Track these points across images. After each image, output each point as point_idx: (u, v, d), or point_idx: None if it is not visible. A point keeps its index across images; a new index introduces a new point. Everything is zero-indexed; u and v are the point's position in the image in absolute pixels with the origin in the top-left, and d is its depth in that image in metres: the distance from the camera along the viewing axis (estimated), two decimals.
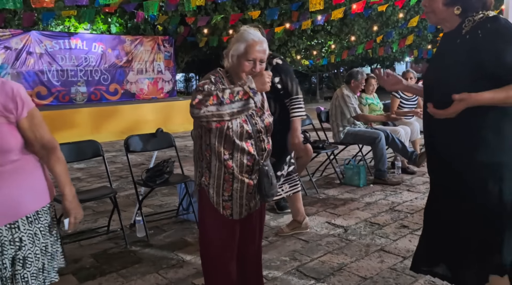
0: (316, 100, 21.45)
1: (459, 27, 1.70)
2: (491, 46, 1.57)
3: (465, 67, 1.64)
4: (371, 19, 13.87)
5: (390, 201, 4.20)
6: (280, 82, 3.03)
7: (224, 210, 1.96)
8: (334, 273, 2.74)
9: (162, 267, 2.92)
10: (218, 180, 1.92)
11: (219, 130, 1.86)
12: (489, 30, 1.59)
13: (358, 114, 4.89)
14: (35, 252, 1.69)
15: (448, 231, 1.82)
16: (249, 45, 1.88)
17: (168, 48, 13.30)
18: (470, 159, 1.69)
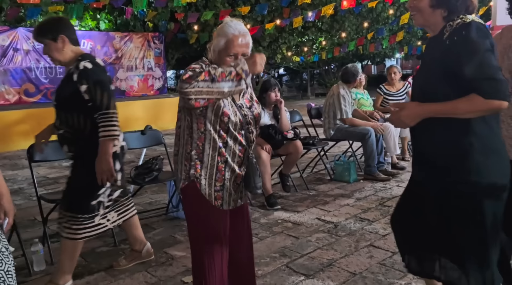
0: (307, 96, 21.48)
1: (441, 32, 1.66)
2: (457, 56, 1.54)
3: (440, 74, 1.61)
4: (361, 15, 13.90)
5: (379, 197, 4.22)
6: (88, 92, 2.41)
7: (215, 201, 1.93)
8: (323, 269, 2.74)
9: (151, 265, 2.90)
10: (210, 170, 1.89)
11: (214, 116, 1.82)
12: (460, 38, 1.55)
13: (346, 118, 4.90)
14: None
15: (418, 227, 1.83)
16: (229, 40, 1.83)
17: (158, 45, 13.18)
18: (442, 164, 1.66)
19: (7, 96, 9.93)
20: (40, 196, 3.12)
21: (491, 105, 1.49)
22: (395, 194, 4.28)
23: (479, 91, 1.49)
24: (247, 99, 1.99)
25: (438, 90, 1.62)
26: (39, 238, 3.08)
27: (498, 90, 1.48)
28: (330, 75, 22.51)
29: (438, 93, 1.62)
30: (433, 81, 1.65)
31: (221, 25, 1.88)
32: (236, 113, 1.88)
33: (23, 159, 6.87)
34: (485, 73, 1.49)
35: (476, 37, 1.53)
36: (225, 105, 1.84)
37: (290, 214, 3.81)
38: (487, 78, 1.49)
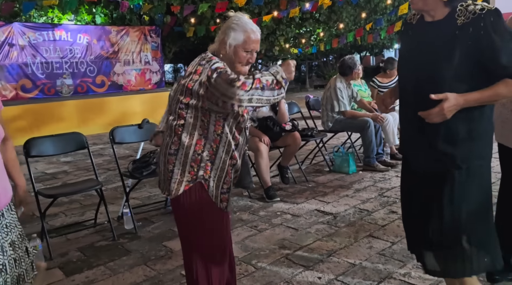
0: (306, 88, 21.41)
1: (450, 17, 1.59)
2: (492, 42, 1.53)
3: (462, 61, 1.56)
4: (359, 6, 13.81)
5: (379, 187, 4.21)
6: None
7: (221, 203, 1.87)
8: (323, 260, 2.73)
9: (151, 258, 2.90)
10: (220, 172, 1.84)
11: (233, 119, 1.81)
12: (492, 25, 1.53)
13: (346, 111, 4.87)
14: (18, 236, 1.63)
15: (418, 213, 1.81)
16: (248, 36, 1.83)
17: (155, 38, 13.10)
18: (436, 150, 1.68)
19: (4, 92, 9.87)
20: (37, 191, 3.10)
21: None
22: (394, 184, 4.27)
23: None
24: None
25: (454, 76, 1.58)
26: (38, 233, 3.06)
27: None
28: (329, 67, 22.42)
29: (452, 79, 1.58)
30: (449, 67, 1.58)
31: (237, 20, 1.85)
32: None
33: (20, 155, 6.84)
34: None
35: (506, 25, 1.55)
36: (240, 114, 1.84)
37: (289, 206, 3.80)
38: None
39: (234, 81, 1.67)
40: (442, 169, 1.68)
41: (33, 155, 3.20)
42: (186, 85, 1.78)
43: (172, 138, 1.83)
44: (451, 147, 1.66)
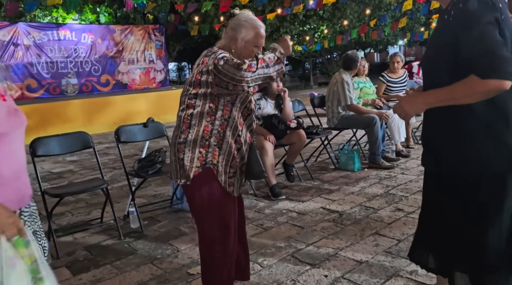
0: (310, 86, 21.38)
1: (448, 5, 1.53)
2: (454, 32, 1.42)
3: (441, 54, 1.50)
4: (363, 2, 13.75)
5: (384, 185, 4.19)
6: None
7: (229, 187, 1.97)
8: (329, 258, 2.73)
9: (157, 257, 2.90)
10: (227, 156, 1.93)
11: (240, 104, 1.94)
12: (457, 12, 1.43)
13: (352, 104, 4.85)
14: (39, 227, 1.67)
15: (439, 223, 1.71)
16: (258, 32, 1.96)
17: (159, 37, 13.13)
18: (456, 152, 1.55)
19: (10, 92, 9.92)
20: (44, 191, 3.12)
21: (488, 85, 1.31)
22: (400, 182, 4.25)
23: (475, 71, 1.32)
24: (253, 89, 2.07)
25: (439, 72, 1.52)
26: (44, 232, 3.07)
27: (497, 68, 1.29)
28: (333, 64, 22.34)
29: (439, 76, 1.51)
30: (435, 61, 1.56)
31: (245, 17, 1.97)
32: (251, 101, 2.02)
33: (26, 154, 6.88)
34: (482, 49, 1.32)
35: (474, 9, 1.37)
36: (250, 93, 1.98)
37: (294, 204, 3.79)
38: (483, 54, 1.31)
39: (241, 65, 1.79)
40: (434, 169, 1.65)
41: (39, 154, 3.21)
42: (195, 76, 1.91)
43: (181, 128, 1.95)
44: (438, 147, 1.60)
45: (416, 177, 4.35)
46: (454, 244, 1.64)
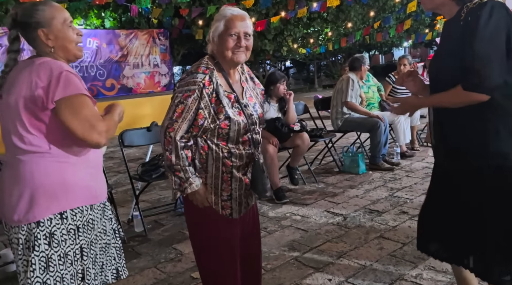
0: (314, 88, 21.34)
1: (458, 14, 1.60)
2: (464, 39, 1.51)
3: (456, 58, 1.56)
4: (367, 4, 13.73)
5: (389, 187, 4.17)
6: None
7: (223, 210, 1.81)
8: (333, 262, 2.71)
9: (161, 261, 2.90)
10: (215, 180, 1.77)
11: (217, 128, 1.72)
12: (472, 19, 1.49)
13: (349, 102, 4.85)
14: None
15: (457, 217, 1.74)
16: (228, 20, 1.71)
17: (164, 41, 13.18)
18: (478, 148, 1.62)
19: None
20: None
21: (470, 97, 1.52)
22: (404, 184, 4.23)
23: (462, 82, 1.52)
24: (251, 97, 1.85)
25: (451, 75, 1.58)
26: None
27: (480, 84, 1.48)
28: (337, 66, 22.32)
29: (450, 78, 1.58)
30: (447, 65, 1.61)
31: (216, 14, 1.78)
32: (240, 113, 1.75)
33: None
34: (475, 65, 1.47)
35: (485, 21, 1.46)
36: (229, 114, 1.71)
37: (298, 207, 3.78)
38: (474, 70, 1.48)
39: (167, 128, 1.69)
40: (454, 165, 1.69)
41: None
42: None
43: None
44: (460, 142, 1.65)
45: (421, 180, 4.33)
46: (474, 235, 1.67)
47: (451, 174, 1.74)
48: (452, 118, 1.66)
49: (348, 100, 4.84)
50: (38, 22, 1.51)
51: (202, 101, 1.68)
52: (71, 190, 1.54)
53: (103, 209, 1.72)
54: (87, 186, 1.60)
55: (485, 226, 1.64)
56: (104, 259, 1.73)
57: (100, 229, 1.70)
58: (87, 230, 1.61)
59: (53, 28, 1.52)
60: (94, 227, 1.65)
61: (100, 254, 1.70)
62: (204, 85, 1.69)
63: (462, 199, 1.70)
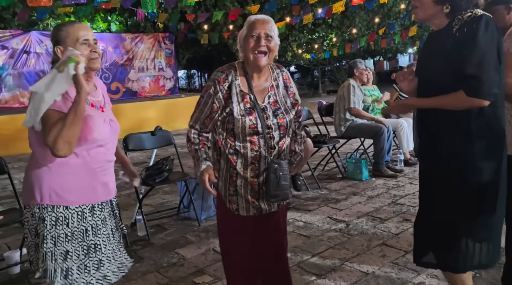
0: (319, 94, 21.34)
1: (449, 26, 1.68)
2: (461, 48, 1.60)
3: (449, 67, 1.64)
4: (372, 11, 13.75)
5: (392, 194, 4.17)
6: None
7: (230, 204, 1.92)
8: (335, 269, 2.71)
9: (163, 265, 2.91)
10: (226, 174, 1.89)
11: (225, 123, 1.86)
12: (468, 31, 1.59)
13: (353, 108, 4.86)
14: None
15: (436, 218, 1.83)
16: (251, 23, 1.85)
17: (169, 45, 13.24)
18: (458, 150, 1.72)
19: (22, 99, 10.09)
20: None
21: (472, 102, 1.61)
22: (407, 191, 4.22)
23: (464, 88, 1.60)
24: (275, 103, 1.91)
25: (445, 82, 1.66)
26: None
27: (479, 89, 1.58)
28: (342, 72, 22.31)
29: (444, 84, 1.66)
30: (440, 74, 1.68)
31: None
32: (252, 113, 1.83)
33: None
34: (475, 72, 1.56)
35: (482, 33, 1.56)
36: (233, 110, 1.83)
37: (301, 213, 3.78)
38: (475, 76, 1.57)
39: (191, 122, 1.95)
40: (439, 168, 1.77)
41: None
42: None
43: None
44: (446, 146, 1.73)
45: None
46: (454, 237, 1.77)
47: (429, 175, 1.84)
48: (438, 124, 1.74)
49: (351, 107, 4.85)
50: (57, 40, 1.74)
51: (216, 96, 1.85)
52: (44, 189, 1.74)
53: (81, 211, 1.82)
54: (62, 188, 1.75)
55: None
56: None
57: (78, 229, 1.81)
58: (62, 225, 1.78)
59: (67, 46, 1.70)
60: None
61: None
62: (219, 82, 1.86)
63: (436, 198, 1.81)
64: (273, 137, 1.86)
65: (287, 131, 1.92)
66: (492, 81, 1.58)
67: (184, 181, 3.70)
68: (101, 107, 1.84)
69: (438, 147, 1.76)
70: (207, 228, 3.54)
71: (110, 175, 1.89)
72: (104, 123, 1.80)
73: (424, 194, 1.88)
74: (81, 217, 1.79)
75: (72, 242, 1.76)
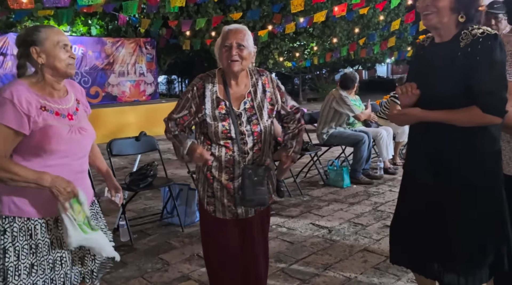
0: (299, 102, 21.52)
1: (455, 39, 1.66)
2: (475, 64, 1.59)
3: (458, 81, 1.63)
4: (352, 21, 14.04)
5: (373, 201, 4.26)
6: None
7: (207, 206, 2.00)
8: (319, 274, 2.76)
9: (147, 271, 2.90)
10: (202, 175, 1.98)
11: (200, 127, 1.96)
12: (484, 49, 1.59)
13: (359, 114, 4.98)
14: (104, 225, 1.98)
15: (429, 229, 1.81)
16: (224, 34, 1.91)
17: (150, 50, 13.18)
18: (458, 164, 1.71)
19: None
20: None
21: (486, 119, 1.60)
22: (388, 198, 4.32)
23: (480, 105, 1.59)
24: (250, 108, 1.94)
25: (452, 97, 1.65)
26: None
27: (496, 107, 1.59)
28: (322, 80, 22.63)
29: (452, 99, 1.65)
30: (449, 89, 1.66)
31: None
32: (226, 119, 1.89)
33: None
34: (491, 89, 1.58)
35: (499, 52, 1.59)
36: (205, 116, 1.90)
37: (284, 219, 3.83)
38: (491, 93, 1.58)
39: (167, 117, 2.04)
40: (442, 183, 1.74)
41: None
42: None
43: None
44: (448, 162, 1.71)
45: None
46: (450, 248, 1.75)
47: (434, 191, 1.78)
48: (444, 140, 1.71)
49: (357, 114, 4.94)
50: (33, 40, 1.67)
51: (193, 101, 1.93)
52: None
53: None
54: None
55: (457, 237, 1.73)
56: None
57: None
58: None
59: (45, 48, 1.67)
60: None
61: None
62: (197, 88, 1.94)
63: (448, 214, 1.75)
64: (246, 143, 1.91)
65: (263, 137, 1.95)
66: (506, 99, 1.60)
67: (168, 186, 3.69)
68: (70, 114, 1.73)
69: (446, 165, 1.73)
70: (191, 234, 3.54)
71: (81, 186, 1.72)
72: (70, 132, 1.69)
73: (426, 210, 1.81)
74: (45, 229, 1.68)
75: (37, 255, 1.66)
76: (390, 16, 14.90)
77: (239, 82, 1.96)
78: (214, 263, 2.08)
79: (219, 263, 2.06)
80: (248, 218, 2.02)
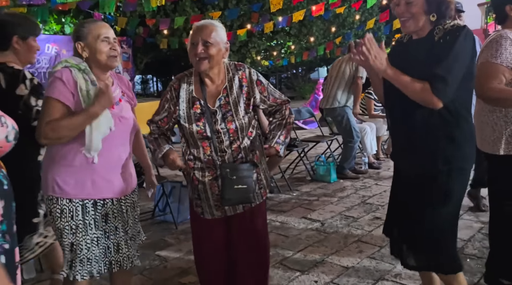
0: None
1: (430, 35, 1.76)
2: (440, 50, 1.69)
3: (429, 69, 1.71)
4: (328, 20, 14.26)
5: (361, 195, 4.37)
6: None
7: (196, 207, 2.01)
8: (317, 265, 2.83)
9: (146, 268, 2.90)
10: (190, 178, 1.98)
11: (181, 128, 1.94)
12: (451, 38, 1.69)
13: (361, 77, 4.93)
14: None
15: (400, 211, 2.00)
16: (192, 30, 1.88)
17: (126, 49, 12.99)
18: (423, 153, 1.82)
19: None
20: None
21: (430, 99, 1.67)
22: (374, 192, 4.45)
23: (432, 83, 1.65)
24: (225, 104, 1.89)
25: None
26: None
27: (445, 92, 1.66)
28: (298, 79, 22.85)
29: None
30: (423, 77, 1.70)
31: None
32: (200, 119, 1.87)
33: None
34: (445, 73, 1.65)
35: (461, 41, 1.68)
36: (179, 117, 1.91)
37: (276, 214, 3.88)
38: (442, 77, 1.65)
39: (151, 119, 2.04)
40: (425, 171, 1.84)
41: None
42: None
43: None
44: (435, 149, 1.80)
45: (389, 187, 4.54)
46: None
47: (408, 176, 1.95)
48: (421, 127, 1.80)
49: (361, 75, 4.87)
50: (78, 36, 1.81)
51: (171, 102, 1.93)
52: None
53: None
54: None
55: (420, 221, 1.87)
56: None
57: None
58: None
59: (88, 42, 1.79)
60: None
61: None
62: (174, 88, 1.94)
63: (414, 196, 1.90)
64: (223, 142, 1.87)
65: (240, 134, 1.90)
66: (454, 87, 1.67)
67: (160, 184, 3.68)
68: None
69: (421, 150, 1.82)
70: (185, 230, 3.55)
71: (120, 173, 1.88)
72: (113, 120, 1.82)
73: (406, 196, 1.96)
74: (84, 211, 1.82)
75: (77, 235, 1.81)
76: (364, 15, 15.23)
77: (215, 79, 1.91)
78: (199, 258, 2.13)
79: (212, 264, 2.08)
80: (236, 214, 2.00)
